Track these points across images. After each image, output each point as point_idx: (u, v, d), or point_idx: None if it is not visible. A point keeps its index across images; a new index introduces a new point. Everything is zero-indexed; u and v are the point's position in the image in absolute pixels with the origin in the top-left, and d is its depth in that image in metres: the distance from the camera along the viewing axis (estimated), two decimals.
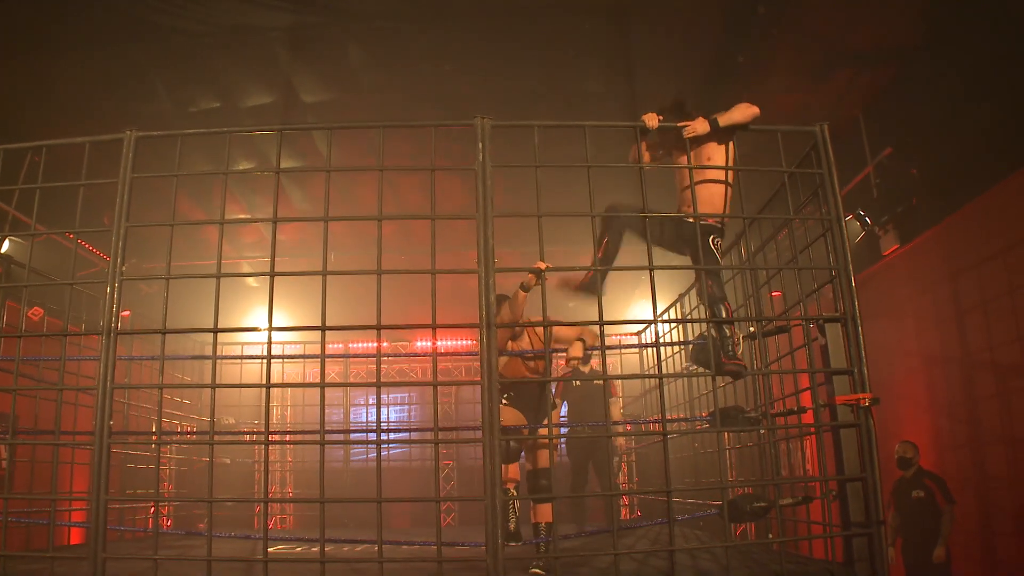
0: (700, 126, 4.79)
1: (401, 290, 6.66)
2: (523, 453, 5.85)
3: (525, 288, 5.27)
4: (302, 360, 12.32)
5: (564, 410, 9.03)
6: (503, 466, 5.43)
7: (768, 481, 4.43)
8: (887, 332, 8.50)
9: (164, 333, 4.31)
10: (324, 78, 8.23)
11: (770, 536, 4.84)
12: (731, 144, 5.00)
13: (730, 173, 4.96)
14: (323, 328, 4.21)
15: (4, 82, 7.79)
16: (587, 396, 8.64)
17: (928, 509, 7.12)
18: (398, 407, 13.59)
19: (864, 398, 4.14)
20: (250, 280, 12.83)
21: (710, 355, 4.47)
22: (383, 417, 13.69)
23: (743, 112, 4.87)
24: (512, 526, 5.44)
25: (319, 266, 4.29)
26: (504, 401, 5.52)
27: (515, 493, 5.64)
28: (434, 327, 4.18)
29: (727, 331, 4.78)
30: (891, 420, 8.12)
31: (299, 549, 6.48)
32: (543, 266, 4.59)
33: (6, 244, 8.17)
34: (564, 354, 5.57)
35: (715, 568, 4.27)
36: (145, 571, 4.23)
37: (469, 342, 12.73)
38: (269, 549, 3.88)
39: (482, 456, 3.92)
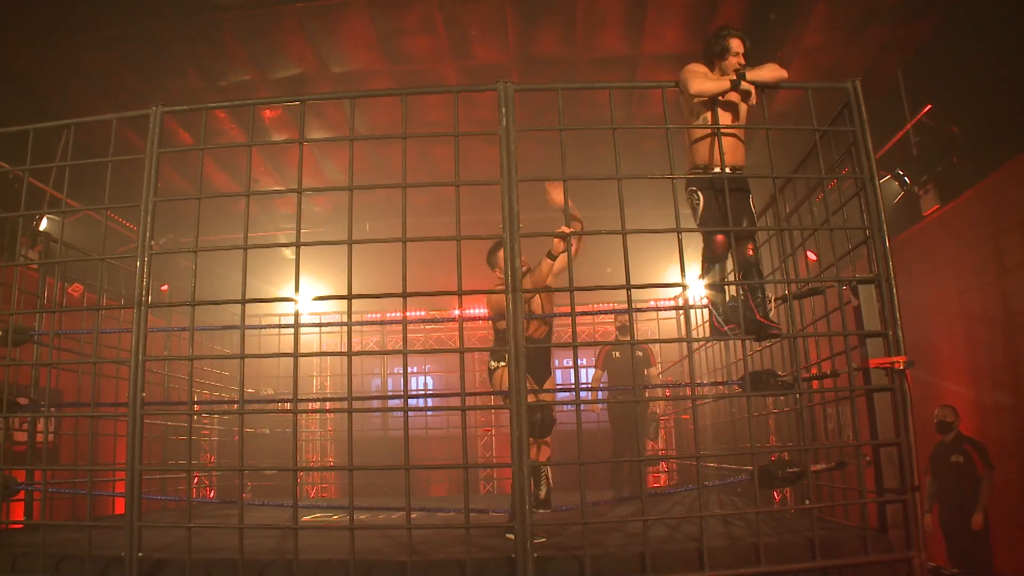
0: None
1: (440, 258, 6.67)
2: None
3: (552, 256, 5.20)
4: (339, 330, 12.40)
5: (605, 379, 9.10)
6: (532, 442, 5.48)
7: (800, 447, 4.36)
8: (927, 294, 8.32)
9: (193, 305, 4.35)
10: (351, 48, 8.20)
11: (806, 502, 4.79)
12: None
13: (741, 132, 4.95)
14: (349, 296, 4.22)
15: (35, 63, 7.88)
16: (627, 366, 8.71)
17: (967, 475, 6.96)
18: (436, 375, 13.64)
19: (898, 361, 4.06)
20: (286, 251, 12.94)
21: (740, 316, 4.40)
22: (421, 385, 13.78)
23: (773, 72, 4.76)
24: (543, 494, 5.43)
25: (355, 236, 4.28)
26: (503, 363, 5.43)
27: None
28: (460, 293, 4.16)
29: (758, 291, 4.76)
30: (931, 384, 7.98)
31: (336, 517, 6.55)
32: (567, 230, 4.54)
33: (44, 222, 8.30)
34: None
35: (747, 534, 4.23)
36: (180, 539, 4.31)
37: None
38: (306, 517, 3.92)
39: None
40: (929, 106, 7.84)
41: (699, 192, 4.89)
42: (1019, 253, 7.07)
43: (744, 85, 4.69)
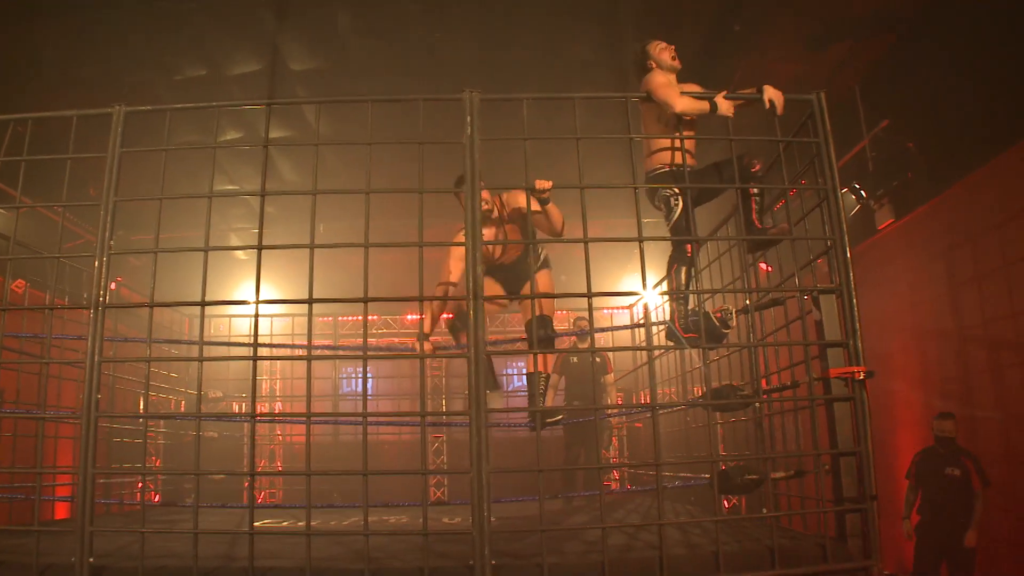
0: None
1: (396, 267, 6.59)
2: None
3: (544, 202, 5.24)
4: (291, 334, 12.22)
5: (563, 384, 9.10)
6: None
7: (760, 456, 4.37)
8: (880, 307, 8.44)
9: (152, 306, 4.24)
10: (312, 45, 8.08)
11: (763, 510, 4.80)
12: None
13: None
14: (310, 301, 4.13)
15: None
16: (584, 372, 8.74)
17: (962, 489, 6.70)
18: (386, 379, 13.52)
19: (859, 371, 4.08)
20: (239, 253, 12.73)
21: (700, 328, 4.40)
22: (371, 388, 13.64)
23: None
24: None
25: (308, 239, 4.20)
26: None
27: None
28: (421, 299, 4.12)
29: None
30: (883, 394, 8.09)
31: (286, 523, 6.42)
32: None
33: None
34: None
35: (705, 542, 4.23)
36: (131, 544, 4.18)
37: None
38: (256, 523, 3.81)
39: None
40: (886, 122, 7.97)
41: (679, 195, 4.89)
42: (971, 268, 7.21)
43: (721, 110, 4.70)
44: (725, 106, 4.69)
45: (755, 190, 4.89)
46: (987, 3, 6.58)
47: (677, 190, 4.90)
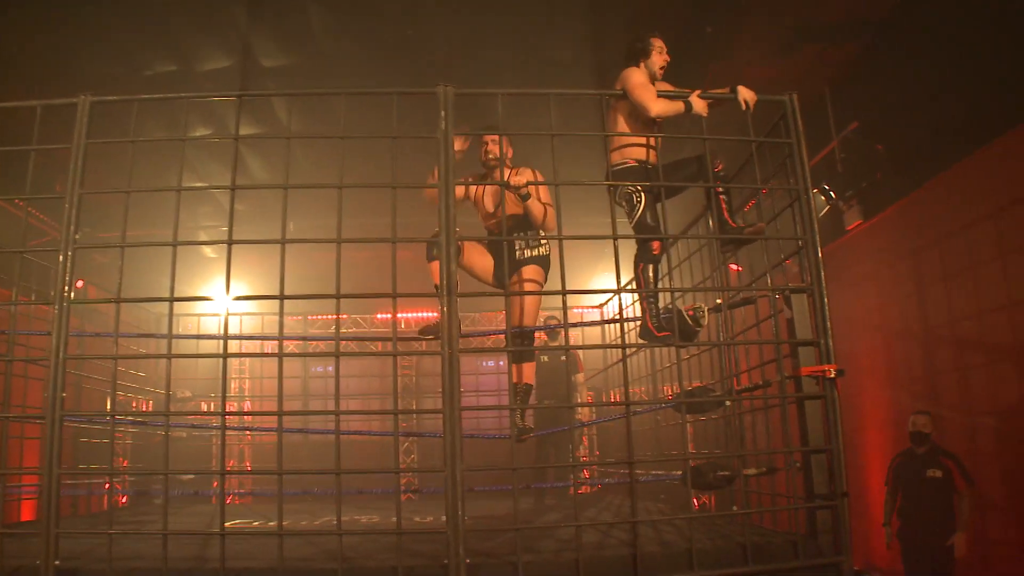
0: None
1: (368, 265, 6.55)
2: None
3: (525, 196, 5.24)
4: (260, 332, 12.12)
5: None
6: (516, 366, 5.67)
7: (732, 454, 4.40)
8: (849, 306, 8.54)
9: (119, 302, 4.18)
10: (284, 42, 8.00)
11: (734, 507, 4.84)
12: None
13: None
14: (281, 297, 4.10)
15: None
16: (554, 371, 8.74)
17: (944, 490, 6.50)
18: (356, 377, 13.45)
19: (829, 369, 4.12)
20: (207, 251, 12.60)
21: (675, 328, 4.43)
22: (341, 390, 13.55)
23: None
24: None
25: (275, 235, 4.16)
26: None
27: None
28: (395, 296, 4.09)
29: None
30: (853, 393, 8.18)
31: (257, 523, 6.37)
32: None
33: None
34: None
35: (678, 539, 4.25)
36: (99, 547, 4.11)
37: (432, 315, 12.66)
38: (226, 523, 3.77)
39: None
40: (855, 124, 8.07)
41: (641, 191, 4.90)
42: (938, 268, 7.31)
43: (696, 110, 4.73)
44: (699, 106, 4.72)
45: (722, 190, 4.92)
46: (954, 10, 6.68)
47: (639, 187, 4.92)
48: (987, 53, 6.38)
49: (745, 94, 4.72)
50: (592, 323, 9.00)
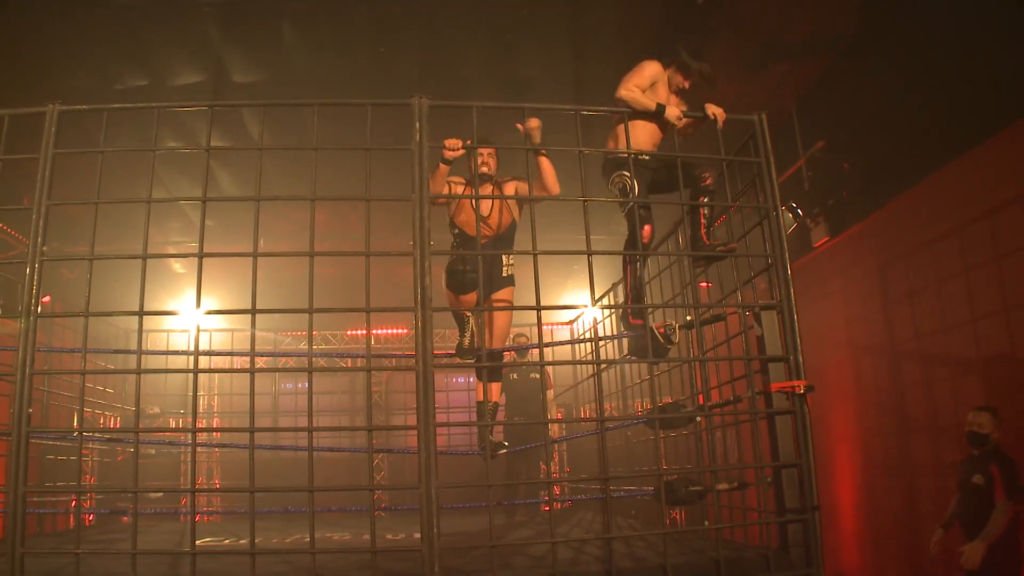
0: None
1: (335, 282, 6.53)
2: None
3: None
4: (229, 350, 12.02)
5: (503, 401, 9.07)
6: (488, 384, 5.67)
7: (704, 468, 4.43)
8: (817, 322, 8.65)
9: (87, 316, 4.13)
10: (256, 58, 7.99)
11: (705, 522, 4.86)
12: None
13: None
14: (253, 311, 4.07)
15: None
16: (524, 388, 8.75)
17: (984, 499, 5.67)
18: (326, 394, 13.38)
19: (799, 385, 4.17)
20: (176, 266, 12.49)
21: (647, 346, 4.46)
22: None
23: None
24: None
25: (247, 252, 4.15)
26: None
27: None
28: (368, 311, 4.08)
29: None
30: (822, 408, 8.27)
31: (227, 541, 6.30)
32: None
33: None
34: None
35: (652, 555, 4.26)
36: (66, 566, 4.05)
37: (403, 331, 12.65)
38: (196, 541, 3.73)
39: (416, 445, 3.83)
40: (822, 143, 8.19)
41: (632, 179, 4.99)
42: (903, 285, 7.42)
43: (667, 115, 4.86)
44: (672, 113, 4.84)
45: (704, 204, 5.01)
46: (917, 31, 6.83)
47: (628, 174, 5.00)
48: (949, 73, 6.51)
49: (714, 109, 4.85)
50: (566, 341, 9.03)
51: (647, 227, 5.00)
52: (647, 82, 5.07)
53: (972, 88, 6.34)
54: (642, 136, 5.14)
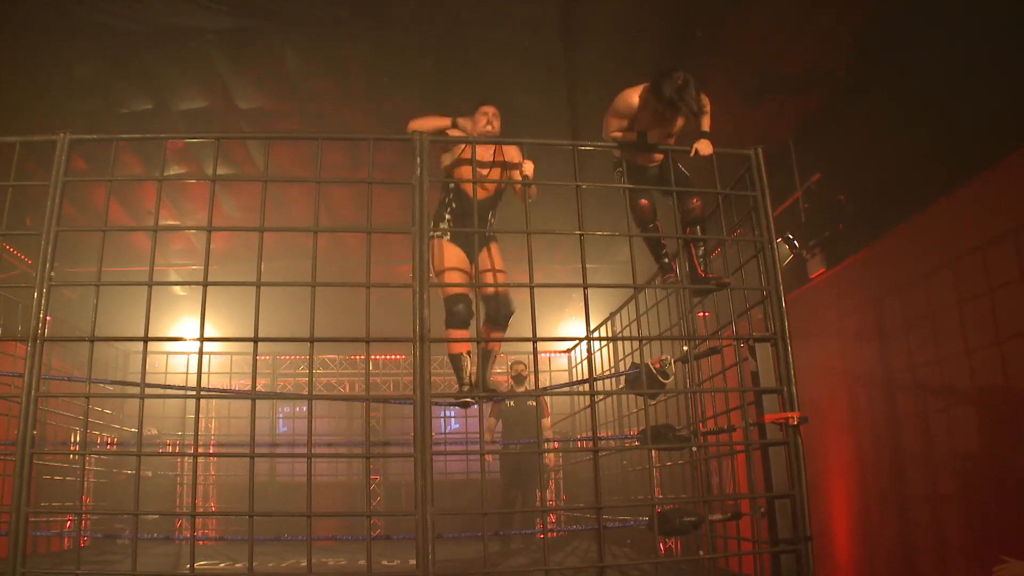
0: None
1: (332, 306, 6.58)
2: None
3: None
4: (228, 373, 12.04)
5: (499, 427, 9.12)
6: (455, 331, 5.46)
7: (698, 498, 4.48)
8: (812, 353, 8.68)
9: (92, 340, 4.19)
10: (260, 84, 8.09)
11: (700, 552, 4.89)
12: None
13: None
14: (255, 339, 4.14)
15: None
16: (521, 417, 8.79)
17: None
18: (323, 419, 13.38)
19: (793, 417, 4.22)
20: (177, 289, 12.53)
21: (643, 383, 4.53)
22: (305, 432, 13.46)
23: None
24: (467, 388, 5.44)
25: (248, 277, 4.21)
26: (446, 235, 5.50)
27: (469, 359, 5.54)
28: (368, 340, 4.13)
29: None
30: (816, 439, 8.29)
31: (223, 565, 6.31)
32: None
33: None
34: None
35: None
36: None
37: (400, 358, 12.70)
38: (189, 565, 3.77)
39: (413, 472, 3.88)
40: (818, 175, 8.28)
41: (624, 163, 5.16)
42: (899, 317, 7.46)
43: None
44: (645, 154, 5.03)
45: (697, 236, 5.11)
46: (913, 64, 6.92)
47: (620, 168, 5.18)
48: (945, 107, 6.60)
49: (700, 145, 4.95)
50: (564, 379, 9.05)
51: (642, 201, 5.16)
52: (625, 119, 5.25)
53: (966, 123, 6.42)
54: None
